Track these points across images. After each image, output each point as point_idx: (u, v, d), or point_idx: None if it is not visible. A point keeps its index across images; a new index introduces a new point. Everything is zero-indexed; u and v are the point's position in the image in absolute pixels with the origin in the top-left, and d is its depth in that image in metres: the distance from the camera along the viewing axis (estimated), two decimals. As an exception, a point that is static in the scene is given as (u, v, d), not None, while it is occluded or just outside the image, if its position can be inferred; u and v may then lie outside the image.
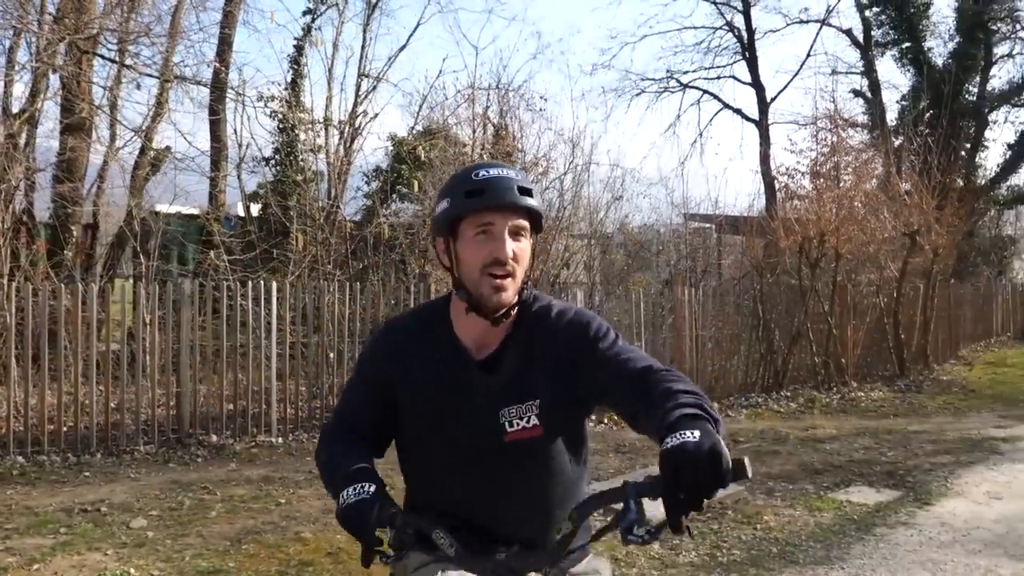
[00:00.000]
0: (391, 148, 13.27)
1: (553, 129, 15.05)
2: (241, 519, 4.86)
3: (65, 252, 9.73)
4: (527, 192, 1.54)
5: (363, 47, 11.77)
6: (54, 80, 10.04)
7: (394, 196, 13.02)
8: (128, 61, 10.59)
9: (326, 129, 11.82)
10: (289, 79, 12.08)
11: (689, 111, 24.51)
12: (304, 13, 12.45)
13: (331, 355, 7.60)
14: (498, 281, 1.54)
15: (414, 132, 12.90)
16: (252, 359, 7.13)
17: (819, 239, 9.96)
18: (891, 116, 20.36)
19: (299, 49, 12.30)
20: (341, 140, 11.70)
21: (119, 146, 11.08)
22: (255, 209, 11.83)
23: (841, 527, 4.89)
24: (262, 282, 7.41)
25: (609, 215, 12.38)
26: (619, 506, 1.25)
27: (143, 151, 11.30)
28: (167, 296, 7.02)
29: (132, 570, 4.04)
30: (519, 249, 1.55)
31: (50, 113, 10.45)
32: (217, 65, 11.54)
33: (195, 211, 12.34)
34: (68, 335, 6.65)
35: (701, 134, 21.96)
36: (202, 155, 11.89)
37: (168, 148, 11.79)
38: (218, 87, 11.60)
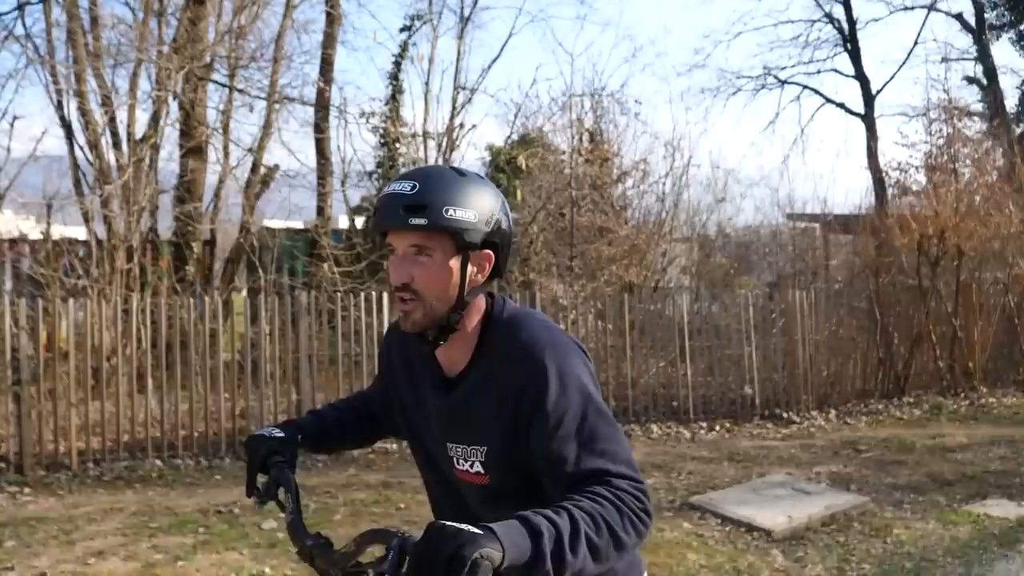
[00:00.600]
0: (489, 158, 13.44)
1: (650, 132, 14.90)
2: (364, 522, 4.99)
3: (187, 268, 10.25)
4: (416, 209, 1.35)
5: (458, 60, 11.95)
6: (173, 107, 10.58)
7: (493, 205, 13.15)
8: (239, 85, 11.09)
9: (425, 142, 12.07)
10: (389, 94, 12.41)
11: (789, 108, 23.78)
12: (401, 30, 12.78)
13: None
14: (401, 305, 1.43)
15: (510, 141, 13.02)
16: (366, 368, 7.33)
17: (939, 236, 9.49)
18: (1011, 103, 19.23)
19: (397, 65, 12.63)
20: (439, 152, 11.93)
21: (233, 166, 11.61)
22: (359, 222, 12.17)
23: (981, 542, 4.64)
24: (373, 292, 7.62)
25: (711, 217, 12.19)
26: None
27: (254, 169, 11.80)
28: (286, 308, 7.30)
29: (267, 570, 4.22)
30: (419, 271, 1.39)
31: (170, 137, 11.03)
32: (321, 85, 11.96)
33: (304, 225, 12.82)
34: (193, 347, 7.01)
35: (803, 131, 21.29)
36: (309, 171, 12.33)
37: (277, 166, 12.28)
38: (322, 106, 12.00)
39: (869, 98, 19.86)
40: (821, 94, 20.79)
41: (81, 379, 6.51)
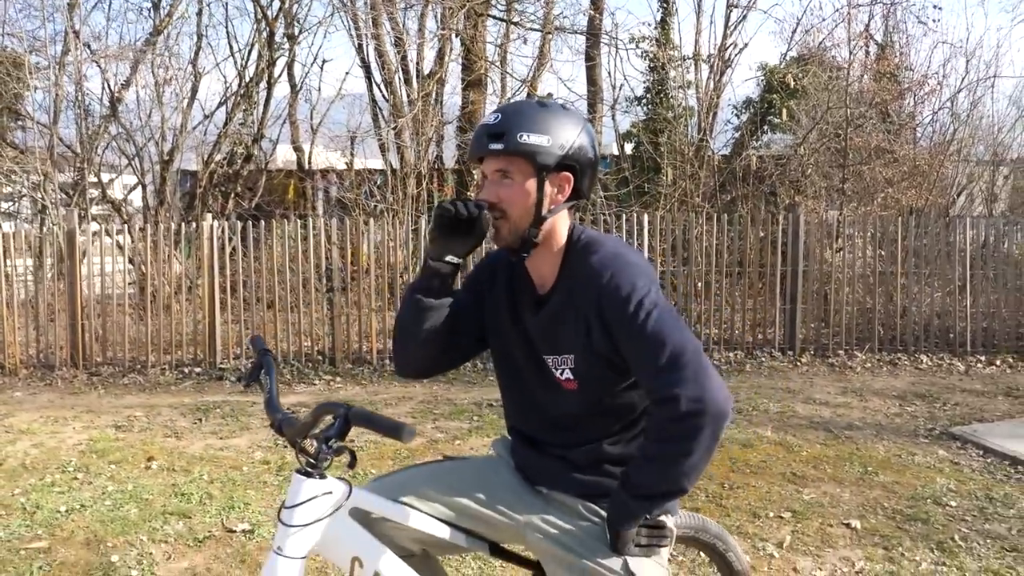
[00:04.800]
0: (762, 78, 12.95)
1: (948, 42, 13.39)
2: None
3: (469, 193, 11.22)
4: (496, 136, 1.56)
5: (732, -24, 11.58)
6: (456, 43, 11.43)
7: (765, 127, 12.74)
8: (515, 18, 11.68)
9: (696, 64, 11.92)
10: (658, 18, 12.35)
11: None
12: (674, -52, 12.55)
13: (699, 284, 7.89)
14: (493, 223, 1.61)
15: (787, 59, 12.44)
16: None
17: None
18: None
19: (669, -14, 12.48)
20: (711, 74, 11.73)
21: (509, 97, 12.33)
22: (629, 148, 12.41)
23: None
24: (635, 215, 7.90)
25: (1016, 135, 10.83)
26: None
27: (529, 99, 12.45)
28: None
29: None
30: (503, 191, 1.59)
31: (454, 72, 11.95)
32: (592, 13, 12.22)
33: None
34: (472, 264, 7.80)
35: None
36: (580, 99, 12.74)
37: (550, 95, 12.82)
38: (593, 34, 12.28)
39: None
40: None
41: (379, 290, 7.57)
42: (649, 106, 12.60)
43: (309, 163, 11.95)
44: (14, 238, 7.48)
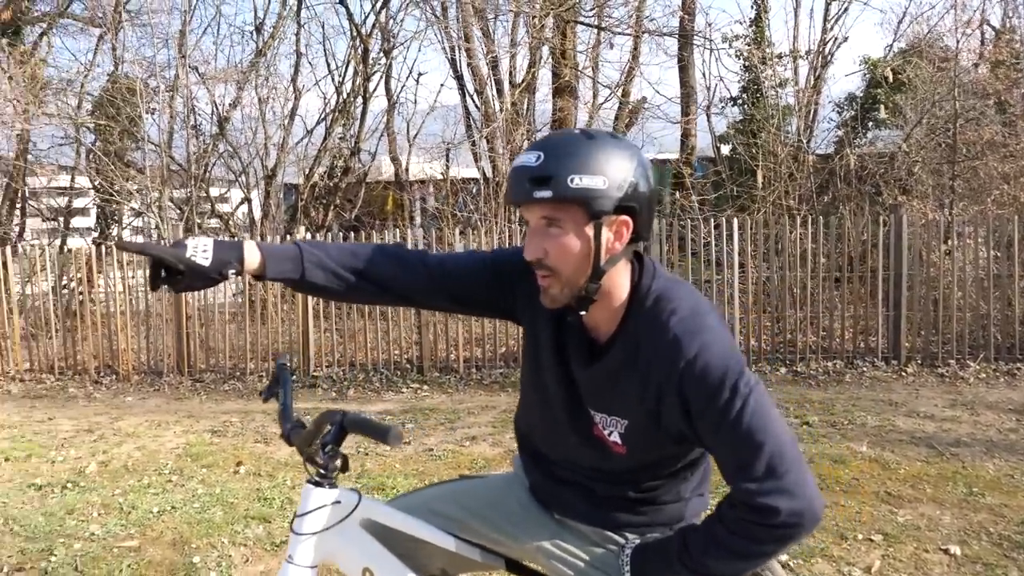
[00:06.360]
0: (865, 72, 12.40)
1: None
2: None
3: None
4: (541, 181, 1.33)
5: (832, -33, 11.15)
6: (544, 50, 11.45)
7: (869, 123, 12.18)
8: (603, 24, 11.59)
9: (794, 61, 11.54)
10: (752, 16, 12.02)
11: None
12: (769, -56, 12.19)
13: (795, 290, 7.58)
14: (540, 281, 1.42)
15: (892, 50, 11.88)
16: (716, 292, 7.48)
17: None
18: None
19: (764, -18, 12.13)
20: (810, 70, 11.32)
21: (600, 103, 12.27)
22: (726, 150, 12.13)
23: None
24: (724, 219, 7.67)
25: None
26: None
27: (621, 105, 12.33)
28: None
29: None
30: (551, 244, 1.38)
31: (544, 80, 11.98)
32: (683, 14, 12.01)
33: (668, 156, 13.13)
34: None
35: None
36: (670, 102, 12.55)
37: (644, 98, 12.68)
38: (684, 35, 12.06)
39: None
40: None
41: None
42: (745, 106, 12.27)
43: (407, 174, 12.20)
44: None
